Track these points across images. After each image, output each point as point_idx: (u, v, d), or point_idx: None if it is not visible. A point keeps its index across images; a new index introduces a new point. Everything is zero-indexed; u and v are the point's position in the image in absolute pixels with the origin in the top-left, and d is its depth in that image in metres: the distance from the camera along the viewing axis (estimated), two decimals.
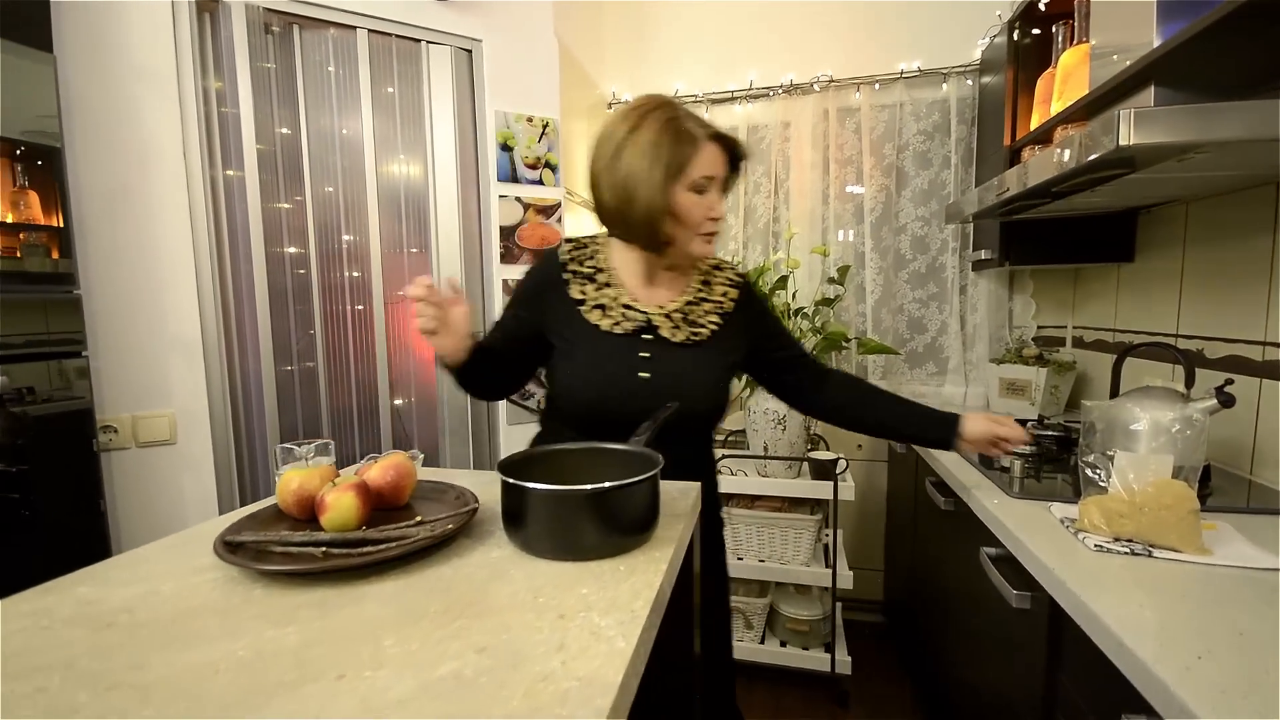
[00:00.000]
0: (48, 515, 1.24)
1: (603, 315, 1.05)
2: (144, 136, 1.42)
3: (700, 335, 1.07)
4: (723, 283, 1.14)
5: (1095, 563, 0.93)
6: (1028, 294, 2.21)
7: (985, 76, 2.09)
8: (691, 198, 0.98)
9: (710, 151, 0.98)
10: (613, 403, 1.02)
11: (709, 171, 0.98)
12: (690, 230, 1.00)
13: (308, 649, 0.52)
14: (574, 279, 1.07)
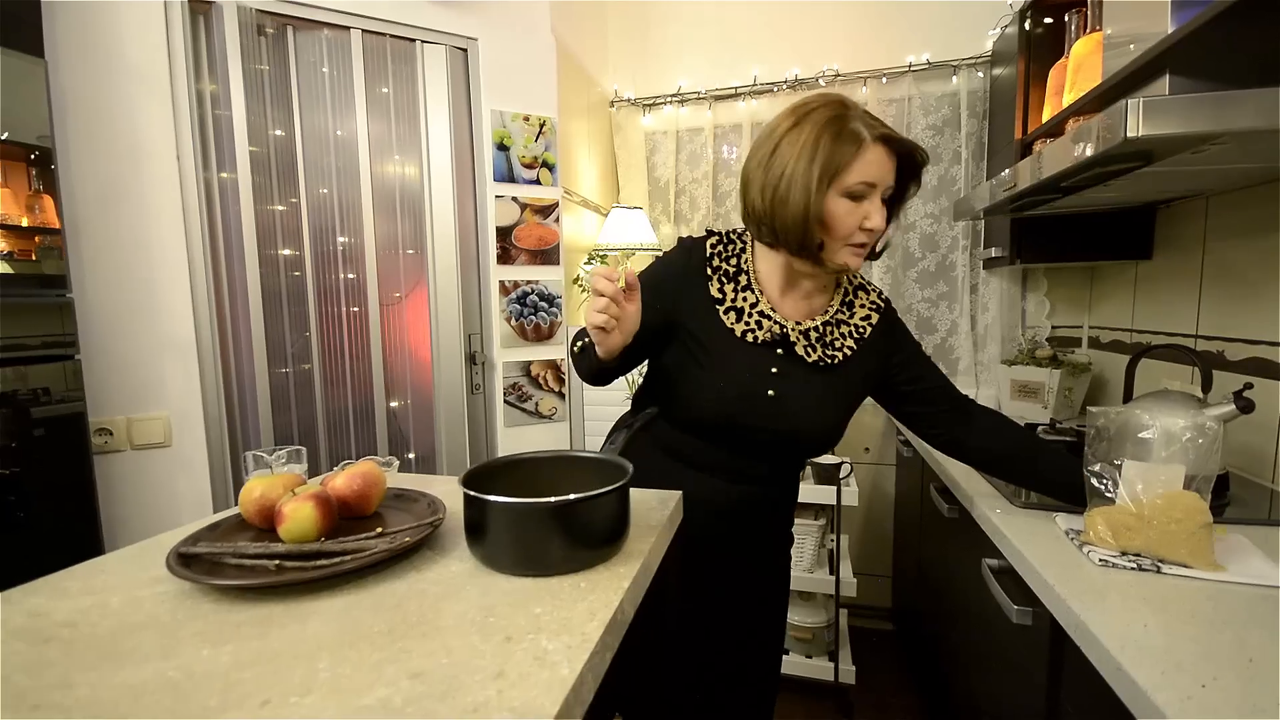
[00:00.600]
0: (41, 518, 1.25)
1: (738, 320, 0.97)
2: (137, 139, 1.42)
3: (834, 359, 0.98)
4: (865, 306, 1.05)
5: (1099, 578, 0.88)
6: (1041, 293, 2.14)
7: (997, 68, 2.03)
8: (845, 204, 0.89)
9: (875, 155, 0.87)
10: (736, 418, 0.94)
11: (869, 177, 0.87)
12: (839, 240, 0.91)
13: (239, 671, 0.50)
14: (716, 275, 0.99)
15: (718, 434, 0.97)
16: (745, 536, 1.06)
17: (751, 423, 0.95)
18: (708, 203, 2.40)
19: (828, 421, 0.99)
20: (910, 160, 0.91)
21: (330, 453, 1.71)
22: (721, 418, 0.95)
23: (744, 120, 2.33)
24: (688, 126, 2.41)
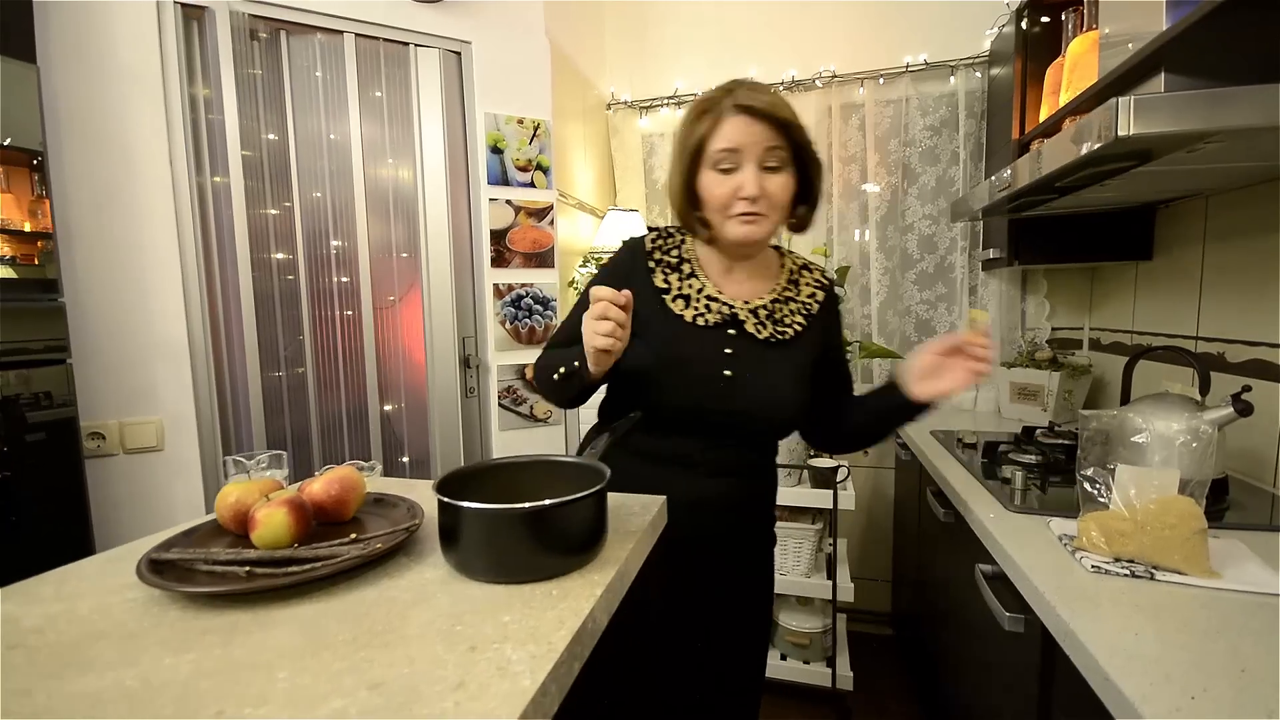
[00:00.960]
0: (32, 522, 1.25)
1: (686, 306, 0.98)
2: (129, 143, 1.43)
3: (785, 334, 1.00)
4: (810, 284, 1.07)
5: (1091, 585, 0.86)
6: (1041, 294, 2.12)
7: (994, 68, 2.01)
8: (713, 176, 0.91)
9: (734, 124, 0.88)
10: (694, 402, 0.95)
11: (727, 144, 0.89)
12: (719, 213, 0.93)
13: (197, 680, 0.49)
14: (659, 267, 1.01)
15: (682, 423, 0.97)
16: (725, 535, 1.05)
17: (713, 406, 0.94)
18: None
19: (786, 397, 0.99)
20: (783, 124, 0.90)
21: (323, 457, 1.71)
22: (684, 405, 0.95)
23: None
24: None
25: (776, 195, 0.92)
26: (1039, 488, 1.31)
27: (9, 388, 1.22)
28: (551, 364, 0.93)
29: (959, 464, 1.51)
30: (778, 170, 0.91)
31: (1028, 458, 1.47)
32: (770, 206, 0.92)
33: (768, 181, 0.91)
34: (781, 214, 0.96)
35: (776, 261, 1.07)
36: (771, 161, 0.90)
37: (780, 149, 0.90)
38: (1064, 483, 1.34)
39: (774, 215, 0.94)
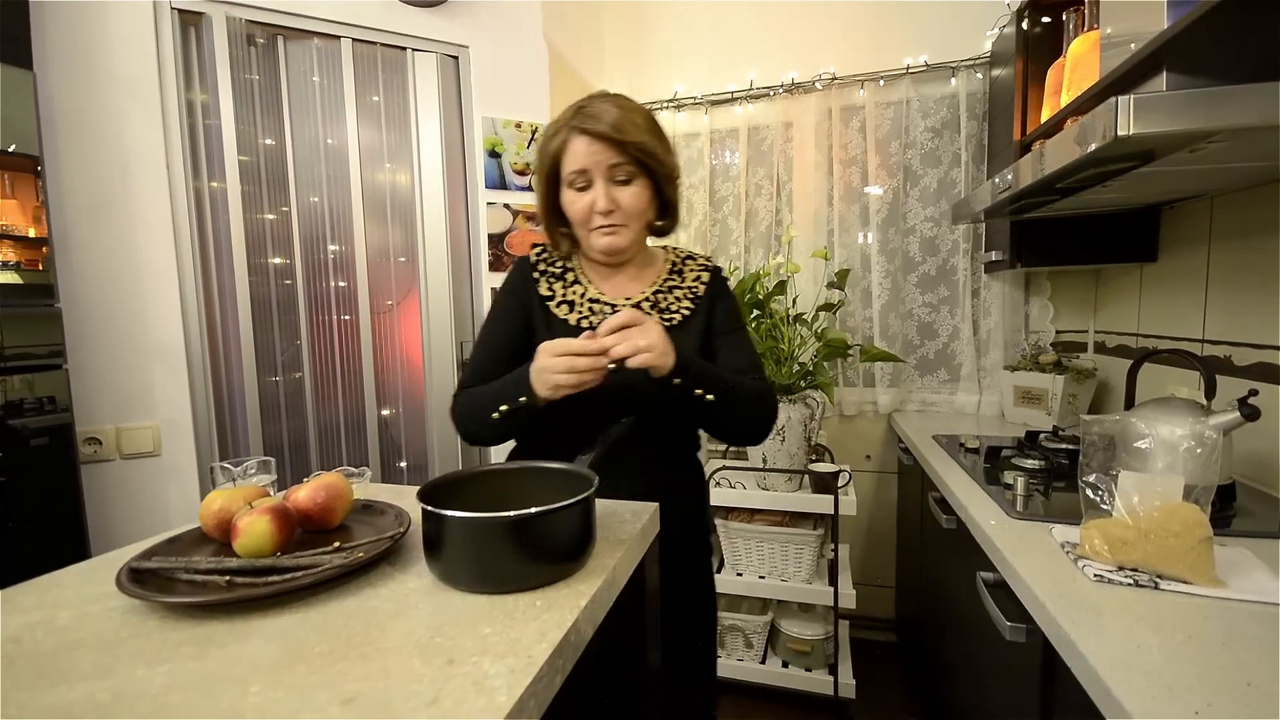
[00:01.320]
0: (28, 527, 1.25)
1: (570, 311, 1.03)
2: (126, 148, 1.43)
3: (672, 320, 1.03)
4: (695, 269, 1.11)
5: (1094, 594, 0.84)
6: (1045, 297, 2.09)
7: (996, 69, 1.99)
8: (570, 194, 0.97)
9: (578, 146, 0.94)
10: (586, 400, 0.93)
11: (576, 165, 0.94)
12: (583, 228, 0.99)
13: (169, 694, 0.48)
14: (544, 278, 1.06)
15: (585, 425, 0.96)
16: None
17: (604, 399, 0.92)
18: (705, 208, 2.38)
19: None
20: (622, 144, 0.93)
21: (321, 462, 1.70)
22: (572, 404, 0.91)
23: (740, 125, 2.31)
24: (684, 132, 2.40)
25: (629, 206, 0.97)
26: (1042, 493, 1.29)
27: (7, 393, 1.22)
28: (484, 406, 0.92)
29: (961, 469, 1.49)
30: (628, 182, 0.96)
31: (1030, 463, 1.45)
32: (626, 216, 0.98)
33: (619, 194, 0.96)
34: (640, 221, 1.01)
35: (660, 257, 1.12)
36: (620, 176, 0.96)
37: (625, 164, 0.95)
38: (1068, 488, 1.32)
39: (633, 224, 0.99)
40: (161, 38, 1.45)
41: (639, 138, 0.94)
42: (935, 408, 2.25)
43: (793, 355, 1.80)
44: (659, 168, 0.98)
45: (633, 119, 0.95)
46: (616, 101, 0.96)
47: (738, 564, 1.95)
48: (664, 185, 1.02)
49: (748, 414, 0.99)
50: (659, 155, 0.98)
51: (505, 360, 0.99)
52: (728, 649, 1.98)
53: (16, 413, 1.24)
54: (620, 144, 0.93)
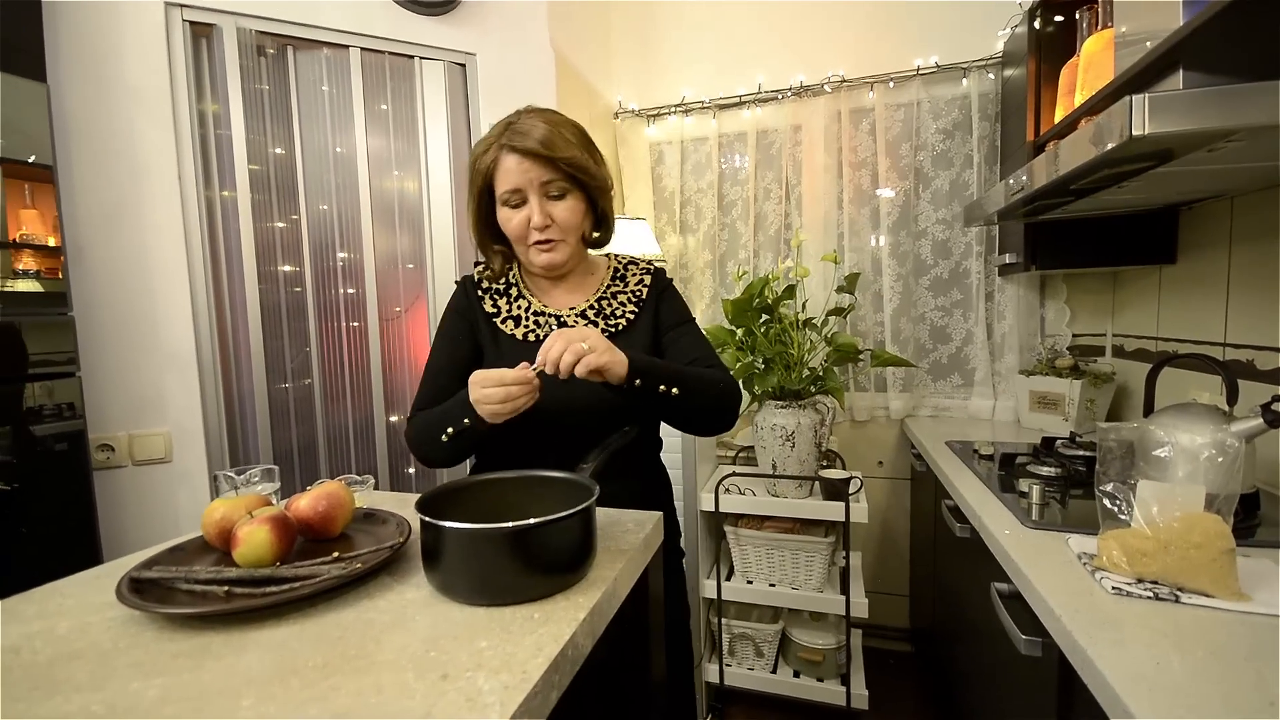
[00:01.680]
0: (41, 533, 1.26)
1: (516, 325, 1.03)
2: (139, 158, 1.45)
3: (618, 325, 1.04)
4: (637, 273, 1.11)
5: (1112, 607, 0.82)
6: (1061, 300, 2.05)
7: (1008, 69, 1.96)
8: (505, 212, 0.97)
9: (509, 163, 0.93)
10: (536, 412, 0.92)
11: (509, 184, 0.94)
12: (521, 244, 1.00)
13: (163, 707, 0.48)
14: (487, 295, 1.07)
15: (542, 437, 0.96)
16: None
17: (555, 409, 0.92)
18: (713, 212, 2.37)
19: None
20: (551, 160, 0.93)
21: (330, 469, 1.71)
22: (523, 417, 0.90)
23: (749, 129, 2.30)
24: (692, 136, 2.39)
25: (564, 220, 0.97)
26: (1059, 502, 1.26)
27: (21, 400, 1.24)
28: (433, 428, 0.91)
29: (974, 476, 1.46)
30: (561, 197, 0.97)
31: (1046, 470, 1.42)
32: (562, 231, 0.98)
33: (554, 209, 0.96)
34: (576, 234, 1.01)
35: (602, 265, 1.12)
36: (553, 191, 0.96)
37: (557, 180, 0.95)
38: (1085, 496, 1.29)
39: (569, 238, 1.00)
40: (173, 49, 1.47)
41: (569, 153, 0.94)
42: (949, 413, 2.21)
43: (802, 360, 1.78)
44: (591, 181, 0.98)
45: (562, 134, 0.95)
46: (546, 117, 0.96)
47: (747, 571, 1.93)
48: (597, 198, 1.02)
49: (711, 402, 0.97)
50: (590, 169, 0.98)
51: (456, 381, 0.97)
52: (738, 657, 1.96)
53: (32, 419, 1.26)
54: (551, 160, 0.92)
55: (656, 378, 0.87)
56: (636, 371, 0.85)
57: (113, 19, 1.40)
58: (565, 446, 0.90)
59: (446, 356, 1.03)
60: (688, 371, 0.94)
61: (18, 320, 1.23)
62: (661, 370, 0.89)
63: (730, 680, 1.93)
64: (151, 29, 1.44)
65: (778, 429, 1.80)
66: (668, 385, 0.88)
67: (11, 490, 1.21)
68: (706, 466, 2.05)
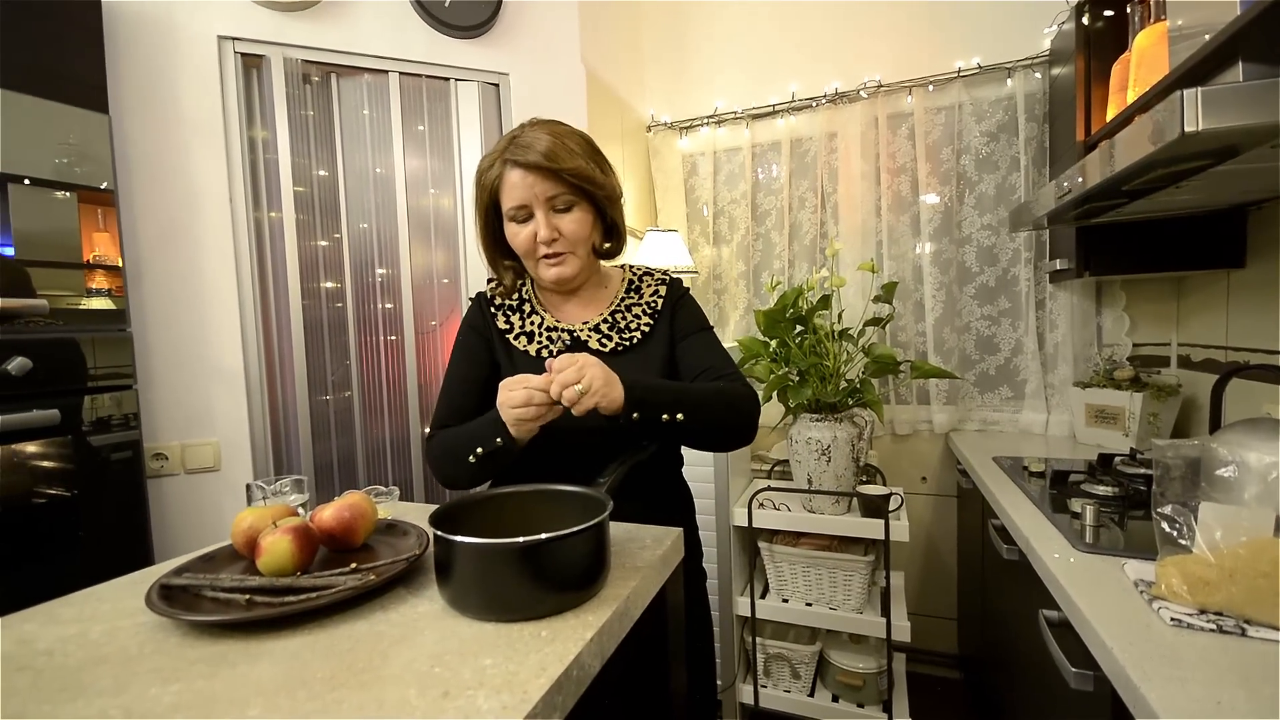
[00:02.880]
0: (97, 538, 1.33)
1: (530, 342, 1.02)
2: (193, 184, 1.53)
3: (632, 339, 1.02)
4: (651, 284, 1.09)
5: (1170, 641, 0.76)
6: (1120, 307, 1.94)
7: (1056, 68, 1.88)
8: (513, 227, 0.97)
9: (513, 178, 0.92)
10: (550, 428, 0.92)
11: (514, 199, 0.93)
12: (530, 259, 0.99)
13: (174, 714, 0.49)
14: (500, 311, 1.06)
15: (546, 454, 0.94)
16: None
17: (569, 427, 0.88)
18: (747, 222, 2.34)
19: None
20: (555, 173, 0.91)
21: (368, 480, 1.75)
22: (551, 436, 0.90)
23: (783, 138, 2.27)
24: (725, 147, 2.38)
25: (571, 233, 0.95)
26: (1115, 523, 1.18)
27: (81, 411, 1.31)
28: (459, 448, 0.88)
29: (1023, 494, 1.38)
30: (568, 210, 0.95)
31: (1103, 489, 1.33)
32: (570, 244, 0.97)
33: (561, 222, 0.95)
34: (585, 247, 0.99)
35: (616, 276, 1.11)
36: (559, 205, 0.94)
37: (563, 193, 0.93)
38: (1145, 518, 1.20)
39: (578, 250, 0.98)
40: (225, 80, 1.56)
41: (573, 164, 0.92)
42: (997, 427, 2.11)
43: (838, 372, 1.73)
44: (598, 191, 0.96)
45: (566, 144, 0.93)
46: (550, 128, 0.95)
47: (783, 589, 1.87)
48: (606, 208, 1.00)
49: (722, 419, 0.92)
50: (596, 179, 0.95)
51: (473, 398, 0.99)
52: (773, 678, 1.90)
53: (95, 430, 1.34)
54: (555, 172, 0.91)
55: (657, 407, 0.83)
56: (634, 404, 0.81)
57: (170, 52, 1.50)
58: (585, 463, 0.89)
59: (463, 373, 1.03)
60: (692, 390, 0.91)
61: (85, 336, 1.31)
62: (663, 396, 0.85)
63: (765, 702, 1.88)
64: (206, 61, 1.53)
65: (813, 442, 1.75)
66: (670, 412, 0.84)
67: (72, 497, 1.29)
68: (740, 480, 2.01)
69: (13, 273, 1.23)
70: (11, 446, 1.20)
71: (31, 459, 1.23)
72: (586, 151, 0.96)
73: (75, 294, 1.32)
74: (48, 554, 1.24)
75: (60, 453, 1.27)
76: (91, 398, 1.32)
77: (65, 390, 1.28)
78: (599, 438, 0.95)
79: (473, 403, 0.98)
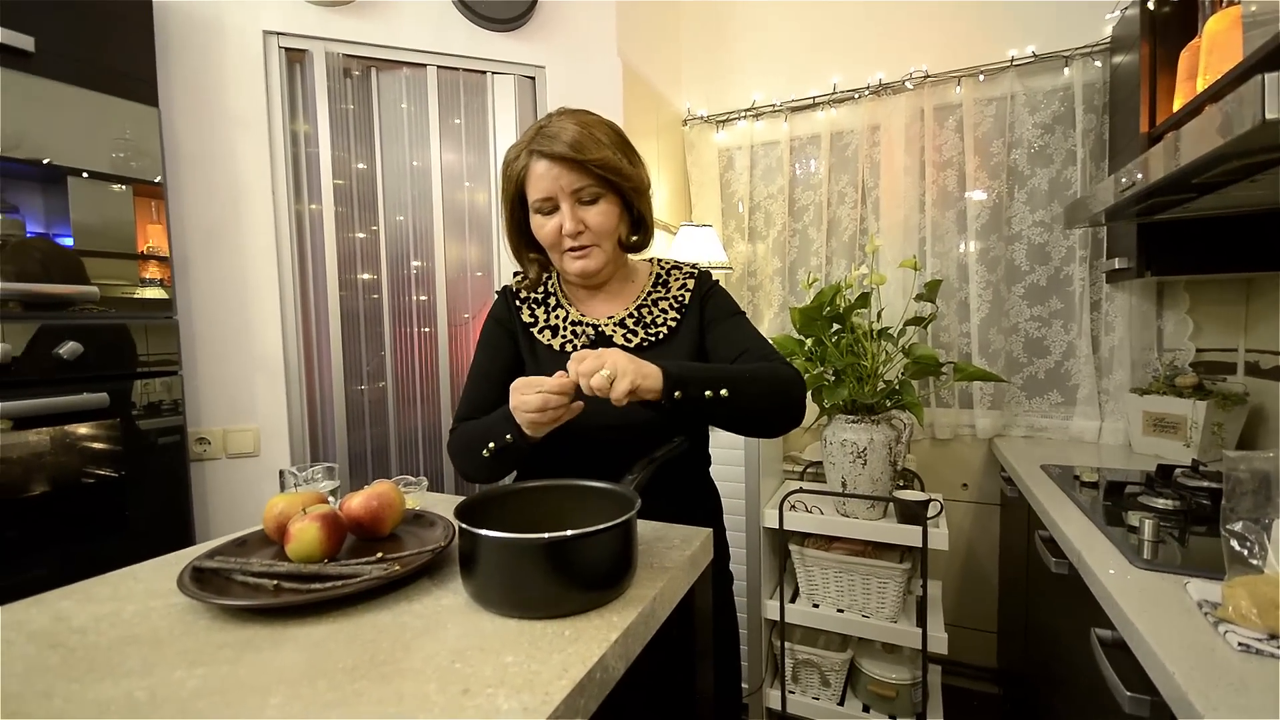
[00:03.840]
0: (142, 518, 1.37)
1: (554, 336, 1.01)
2: (238, 177, 1.57)
3: (659, 334, 1.00)
4: (679, 278, 1.06)
5: (1238, 667, 0.70)
6: (1183, 310, 1.83)
7: (1117, 56, 1.78)
8: (538, 219, 0.95)
9: (540, 170, 0.90)
10: (575, 424, 0.90)
11: (540, 190, 0.91)
12: (555, 251, 0.97)
13: (198, 699, 0.49)
14: (525, 305, 1.05)
15: (583, 450, 0.94)
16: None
17: (593, 424, 0.88)
18: (784, 218, 2.29)
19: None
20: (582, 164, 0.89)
21: (401, 469, 1.78)
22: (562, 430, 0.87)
23: (823, 130, 2.21)
24: (763, 140, 2.33)
25: (597, 226, 0.93)
26: (1176, 539, 1.11)
27: (130, 395, 1.36)
28: (474, 443, 0.88)
29: (1074, 506, 1.31)
30: (594, 202, 0.93)
31: (1163, 502, 1.25)
32: (596, 237, 0.94)
33: (586, 214, 0.93)
34: (610, 240, 0.97)
35: (644, 270, 1.08)
36: (585, 196, 0.92)
37: (589, 185, 0.91)
38: (1209, 534, 1.12)
39: (603, 243, 0.96)
40: (270, 74, 1.59)
41: (600, 155, 0.89)
42: (1046, 434, 2.02)
43: (876, 373, 1.68)
44: (625, 183, 0.94)
45: (594, 135, 0.90)
46: (577, 118, 0.92)
47: (813, 594, 1.83)
48: (633, 200, 0.98)
49: (769, 397, 0.87)
50: (624, 170, 0.93)
51: (496, 389, 0.96)
52: (802, 684, 1.86)
53: (143, 414, 1.38)
54: (581, 164, 0.89)
55: (700, 384, 0.79)
56: (674, 382, 0.77)
57: (217, 48, 1.53)
58: (612, 460, 0.87)
59: (487, 366, 1.03)
60: (733, 368, 0.86)
61: (134, 323, 1.36)
62: (704, 374, 0.81)
63: (793, 708, 1.83)
64: (251, 56, 1.56)
65: (848, 445, 1.70)
66: (714, 388, 0.79)
67: (119, 478, 1.33)
68: (771, 481, 1.97)
69: (67, 261, 1.27)
70: (65, 428, 1.25)
71: (82, 440, 1.27)
72: (615, 142, 0.94)
73: (130, 283, 1.37)
74: (96, 533, 1.29)
75: (109, 435, 1.31)
76: (139, 383, 1.36)
77: (114, 375, 1.32)
78: (629, 434, 0.93)
79: (495, 396, 0.97)
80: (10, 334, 1.17)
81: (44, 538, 1.21)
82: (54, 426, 1.22)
